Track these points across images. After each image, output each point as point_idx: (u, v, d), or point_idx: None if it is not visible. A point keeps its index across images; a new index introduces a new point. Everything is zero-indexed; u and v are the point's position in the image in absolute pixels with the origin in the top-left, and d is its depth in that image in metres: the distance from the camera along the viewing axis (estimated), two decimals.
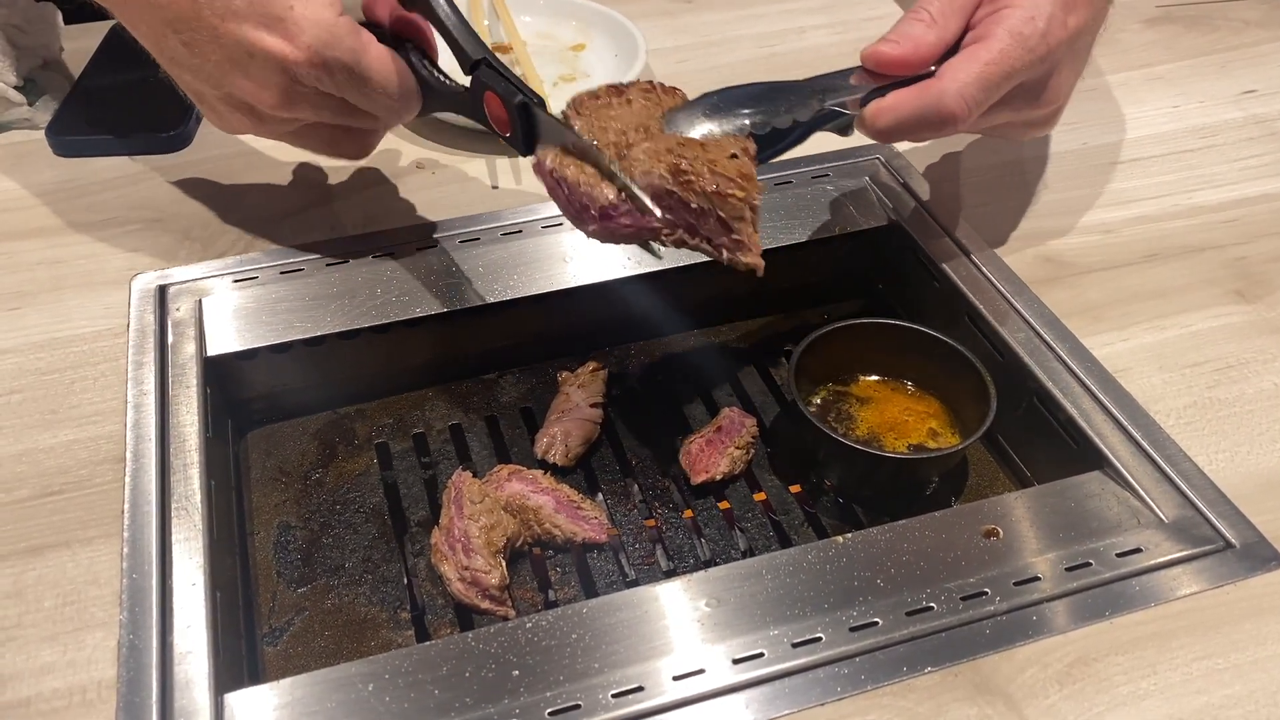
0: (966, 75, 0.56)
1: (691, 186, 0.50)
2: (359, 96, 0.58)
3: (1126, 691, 0.46)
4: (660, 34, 0.93)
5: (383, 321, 0.64)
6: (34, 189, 0.74)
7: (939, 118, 0.56)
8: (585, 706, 0.45)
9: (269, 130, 0.61)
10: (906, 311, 0.74)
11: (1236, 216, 0.73)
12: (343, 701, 0.45)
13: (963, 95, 0.55)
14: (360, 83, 0.57)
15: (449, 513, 0.58)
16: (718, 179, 0.50)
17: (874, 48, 0.58)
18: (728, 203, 0.50)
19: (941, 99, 0.55)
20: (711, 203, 0.50)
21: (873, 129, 0.57)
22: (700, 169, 0.50)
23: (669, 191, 0.51)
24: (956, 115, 0.56)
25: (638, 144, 0.53)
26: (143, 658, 0.46)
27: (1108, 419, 0.58)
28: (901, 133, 0.57)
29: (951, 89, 0.55)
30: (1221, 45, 0.93)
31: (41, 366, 0.60)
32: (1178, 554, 0.52)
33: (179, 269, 0.66)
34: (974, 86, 0.56)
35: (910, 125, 0.56)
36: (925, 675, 0.47)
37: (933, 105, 0.56)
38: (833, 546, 0.52)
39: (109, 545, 0.51)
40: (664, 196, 0.51)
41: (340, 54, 0.55)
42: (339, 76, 0.56)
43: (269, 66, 0.55)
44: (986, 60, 0.56)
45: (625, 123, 0.54)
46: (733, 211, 0.51)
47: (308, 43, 0.54)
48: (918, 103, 0.56)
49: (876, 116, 0.57)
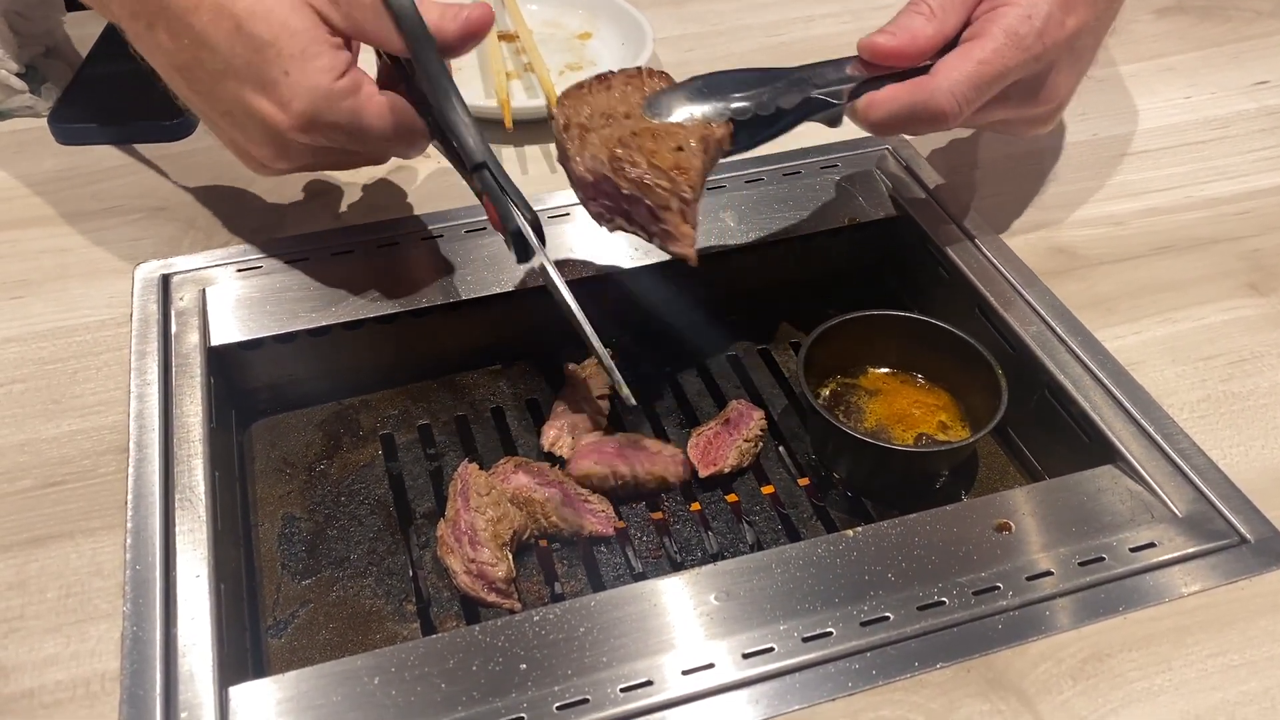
0: (959, 73, 0.56)
1: (624, 174, 0.54)
2: (359, 146, 0.58)
3: (1141, 688, 0.46)
4: (667, 22, 0.92)
5: (388, 312, 0.64)
6: (36, 177, 0.73)
7: (929, 114, 0.56)
8: (594, 701, 0.45)
9: (270, 175, 0.62)
10: (916, 303, 0.73)
11: (1249, 208, 0.72)
12: (348, 695, 0.45)
13: (953, 93, 0.56)
14: (358, 137, 0.57)
15: (455, 505, 0.58)
16: (651, 170, 0.53)
17: (870, 38, 0.58)
18: (654, 192, 0.53)
19: (933, 96, 0.56)
20: (640, 191, 0.54)
21: (864, 121, 0.58)
22: (637, 159, 0.54)
23: (605, 177, 0.54)
24: (946, 112, 0.56)
25: (598, 129, 0.55)
26: (146, 650, 0.46)
27: (1120, 412, 0.57)
28: (892, 126, 0.57)
29: (943, 86, 0.56)
30: (1234, 36, 0.92)
31: (44, 356, 0.60)
32: (1191, 549, 0.51)
33: (182, 258, 0.66)
34: (965, 85, 0.56)
35: (901, 120, 0.57)
36: (937, 670, 0.46)
37: (923, 101, 0.56)
38: (843, 540, 0.51)
39: (112, 536, 0.51)
40: (603, 182, 0.55)
41: (335, 118, 0.55)
42: (335, 135, 0.56)
43: (261, 128, 0.56)
44: (980, 59, 0.56)
45: (597, 108, 0.57)
46: (658, 200, 0.54)
47: (299, 110, 0.54)
48: (909, 98, 0.56)
49: (868, 109, 0.57)
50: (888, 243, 0.74)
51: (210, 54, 0.54)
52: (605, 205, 0.57)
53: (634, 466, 0.61)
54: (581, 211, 0.69)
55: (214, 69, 0.55)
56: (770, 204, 0.71)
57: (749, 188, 0.72)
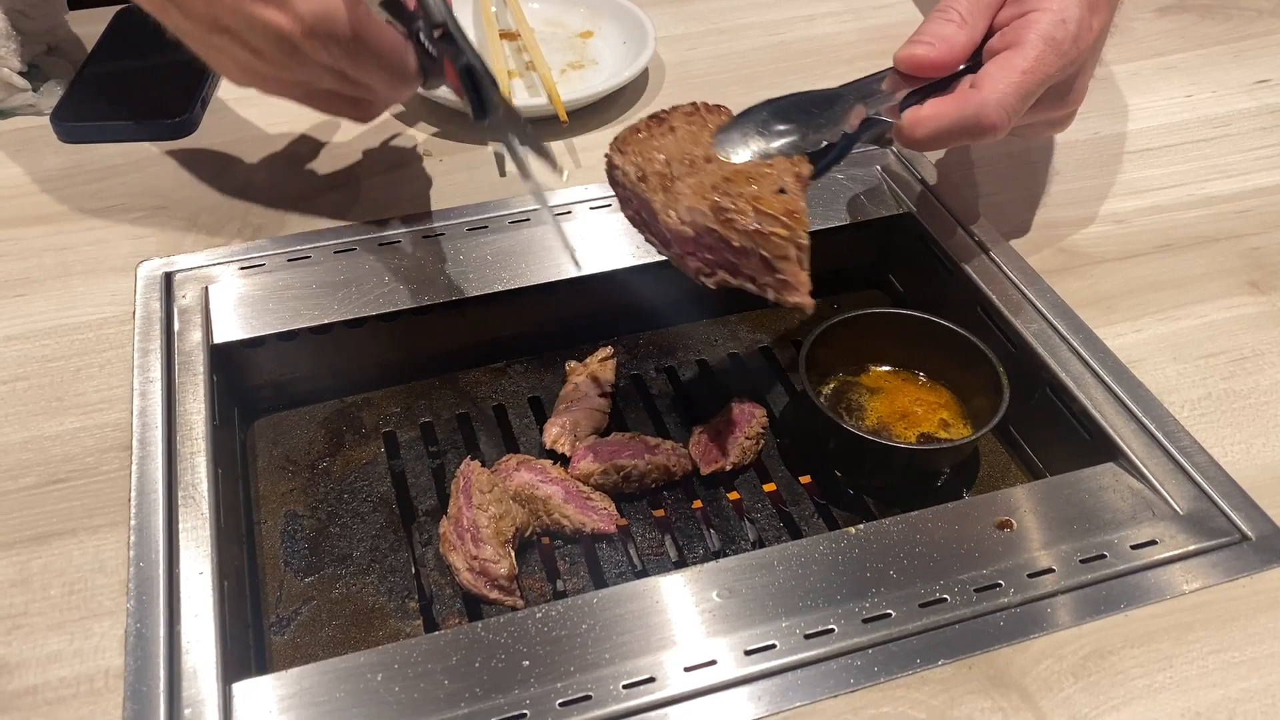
0: (1005, 85, 0.56)
1: (734, 225, 0.50)
2: (356, 70, 0.57)
3: (1142, 684, 0.46)
4: (669, 21, 0.92)
5: (390, 309, 0.64)
6: (39, 175, 0.73)
7: (979, 128, 0.56)
8: (596, 697, 0.45)
9: (276, 90, 0.60)
10: (918, 301, 0.73)
11: (1250, 207, 0.72)
12: (351, 691, 0.45)
13: (1002, 105, 0.55)
14: (357, 56, 0.56)
15: (457, 502, 0.58)
16: (761, 218, 0.49)
17: (909, 51, 0.58)
18: (770, 242, 0.49)
19: (982, 109, 0.55)
20: (754, 242, 0.49)
21: (910, 139, 0.57)
22: (744, 206, 0.49)
23: (710, 230, 0.50)
24: (997, 125, 0.56)
25: (682, 178, 0.52)
26: (150, 647, 0.46)
27: (1121, 410, 0.57)
28: (940, 142, 0.57)
29: (991, 99, 0.55)
30: (1235, 35, 0.92)
31: (47, 353, 0.60)
32: (1193, 546, 0.51)
33: (185, 256, 0.66)
34: (1013, 96, 0.56)
35: (950, 135, 0.56)
36: (939, 667, 0.46)
37: (973, 116, 0.55)
38: (844, 538, 0.51)
39: (116, 533, 0.51)
40: (705, 234, 0.50)
41: (336, 28, 0.55)
42: (335, 50, 0.56)
43: (267, 37, 0.55)
44: (1023, 69, 0.56)
45: (670, 153, 0.54)
46: (776, 251, 0.50)
47: (303, 14, 0.54)
48: (958, 114, 0.56)
49: (915, 126, 0.57)
50: (890, 241, 0.74)
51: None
52: (706, 260, 0.52)
53: (636, 459, 0.61)
54: (580, 210, 0.70)
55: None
56: None
57: None
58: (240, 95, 0.81)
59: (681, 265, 0.54)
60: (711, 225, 0.50)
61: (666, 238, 0.53)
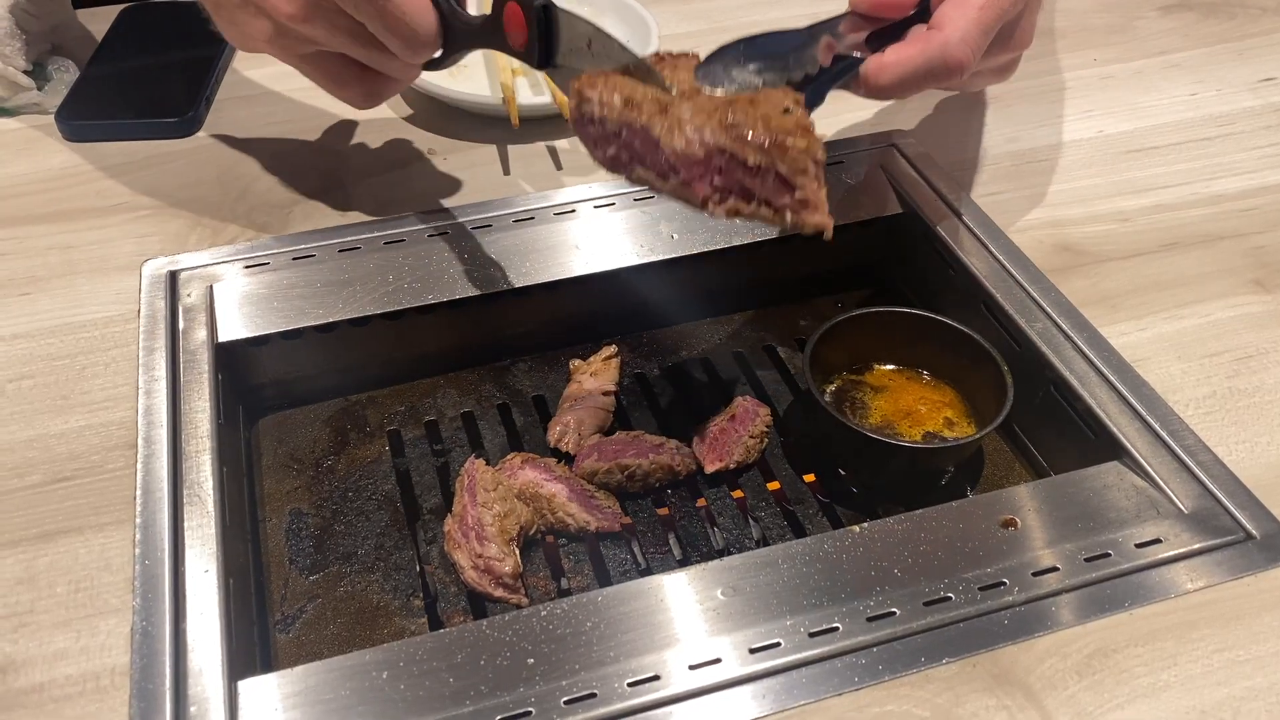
0: (965, 21, 0.55)
1: (748, 141, 0.47)
2: (377, 21, 0.55)
3: (1146, 683, 0.46)
4: (672, 19, 0.92)
5: (394, 308, 0.64)
6: (44, 174, 0.73)
7: (945, 68, 0.55)
8: (601, 695, 0.45)
9: (285, 46, 0.59)
10: (922, 300, 0.74)
11: (1255, 205, 0.72)
12: (356, 689, 0.45)
13: (965, 42, 0.55)
14: (378, 5, 0.54)
15: (462, 500, 0.58)
16: (776, 132, 0.47)
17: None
18: (789, 155, 0.47)
19: (945, 48, 0.55)
20: (771, 157, 0.47)
21: (875, 85, 0.56)
22: (754, 123, 0.47)
23: (721, 150, 0.48)
24: (963, 62, 0.55)
25: (676, 103, 0.50)
26: (155, 644, 0.46)
27: (1125, 409, 0.57)
28: (905, 88, 0.56)
29: (954, 37, 0.55)
30: (1239, 32, 0.92)
31: (52, 352, 0.60)
32: (1197, 545, 0.51)
33: (190, 254, 0.66)
34: (975, 31, 0.55)
35: (916, 78, 0.56)
36: (943, 666, 0.46)
37: (938, 55, 0.55)
38: (849, 536, 0.51)
39: (121, 531, 0.51)
40: (717, 155, 0.48)
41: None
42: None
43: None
44: (980, 4, 0.56)
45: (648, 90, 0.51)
46: (794, 165, 0.47)
47: None
48: (922, 55, 0.55)
49: (880, 73, 0.56)
50: (893, 239, 0.74)
51: None
52: (716, 185, 0.49)
53: (640, 458, 0.61)
54: (586, 208, 0.70)
55: None
56: None
57: None
58: (245, 94, 0.81)
59: (686, 195, 0.50)
60: (724, 144, 0.48)
61: (667, 166, 0.50)
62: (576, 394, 0.66)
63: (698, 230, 0.69)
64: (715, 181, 0.49)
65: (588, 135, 0.54)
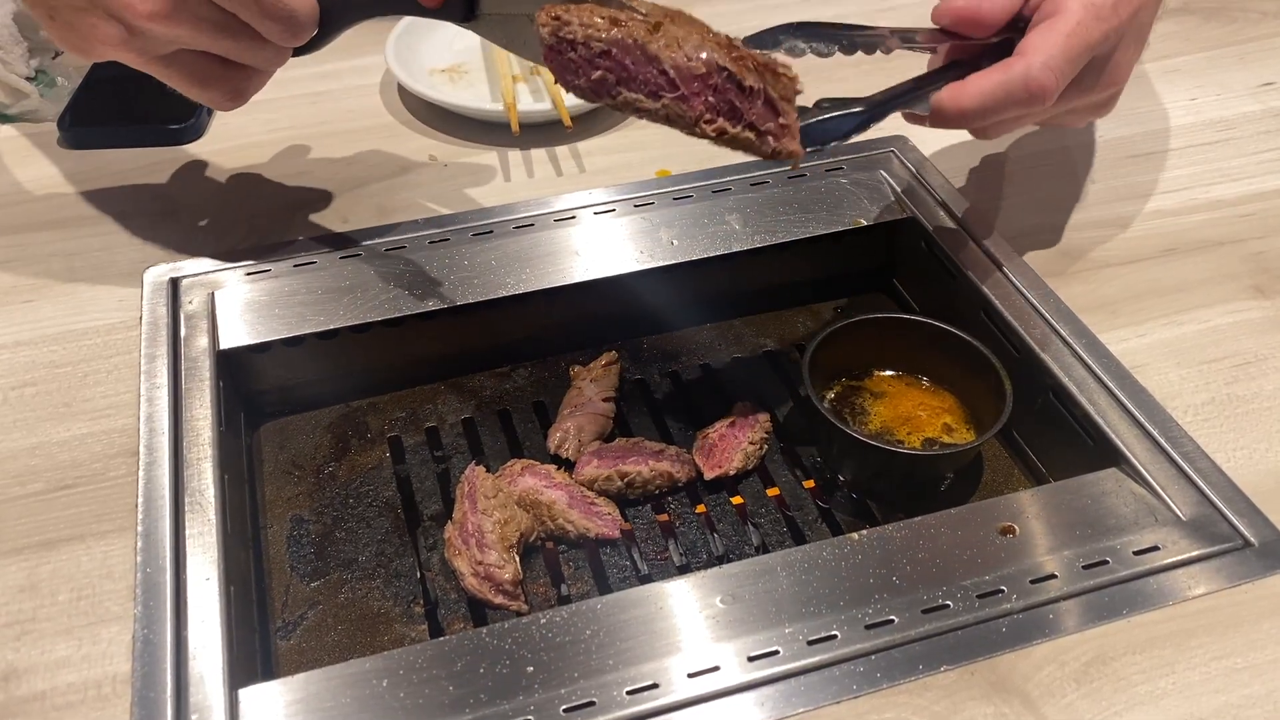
0: (1050, 47, 0.55)
1: (745, 63, 0.50)
2: (253, 8, 0.52)
3: (1144, 691, 0.46)
4: None
5: (395, 315, 0.64)
6: (46, 181, 0.74)
7: (1027, 93, 0.54)
8: (600, 703, 0.45)
9: (138, 50, 0.53)
10: (921, 306, 0.74)
11: (1255, 211, 0.72)
12: (356, 697, 0.45)
13: (1049, 67, 0.54)
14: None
15: (462, 507, 0.58)
16: (769, 59, 0.50)
17: (951, 3, 0.57)
18: (781, 81, 0.50)
19: (1029, 72, 0.54)
20: (765, 81, 0.50)
21: (956, 109, 0.55)
22: (749, 51, 0.50)
23: (720, 68, 0.50)
24: (1046, 88, 0.54)
25: (667, 25, 0.51)
26: (157, 652, 0.46)
27: (1124, 415, 0.58)
28: (986, 113, 0.55)
29: (1037, 62, 0.54)
30: (1239, 37, 0.92)
31: (54, 359, 0.60)
32: (1195, 552, 0.51)
33: (191, 262, 0.66)
34: (1059, 58, 0.54)
35: (997, 104, 0.55)
36: (941, 673, 0.46)
37: (1020, 80, 0.54)
38: (848, 543, 0.52)
39: (123, 539, 0.51)
40: (714, 74, 0.50)
41: None
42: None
43: None
44: (1067, 32, 0.55)
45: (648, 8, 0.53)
46: (785, 91, 0.50)
47: None
48: (1004, 79, 0.55)
49: (960, 97, 0.55)
50: (893, 245, 0.75)
51: None
52: (709, 103, 0.51)
53: (640, 465, 0.61)
54: (586, 214, 0.70)
55: None
56: (776, 207, 0.71)
57: (754, 190, 0.72)
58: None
59: (679, 112, 0.52)
60: (723, 63, 0.50)
61: (661, 84, 0.51)
62: (576, 400, 0.66)
63: (698, 236, 0.69)
64: (709, 99, 0.51)
65: (567, 62, 0.53)
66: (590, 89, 0.53)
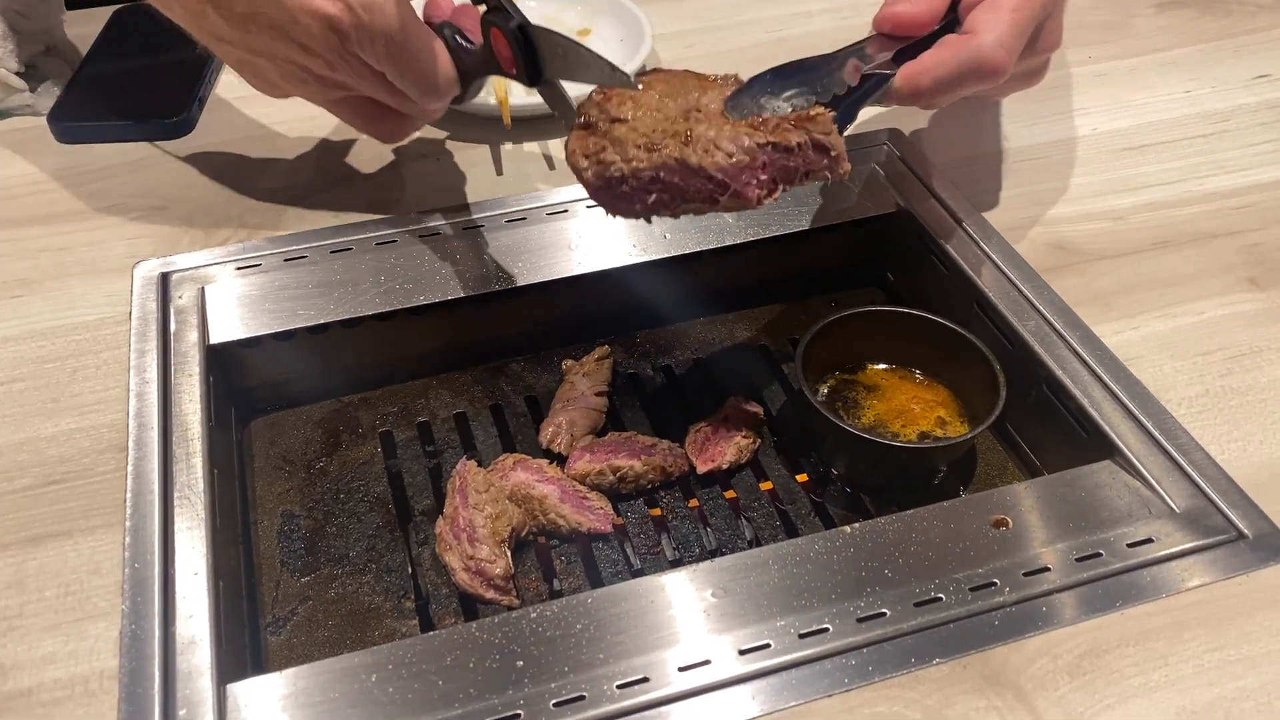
0: (999, 23, 0.56)
1: (782, 129, 0.52)
2: (400, 70, 0.58)
3: (1137, 683, 0.46)
4: (666, 18, 0.92)
5: (386, 309, 0.64)
6: (36, 176, 0.73)
7: (981, 71, 0.56)
8: (590, 698, 0.45)
9: (313, 94, 0.62)
10: (915, 299, 0.73)
11: (1249, 203, 0.72)
12: (346, 692, 0.45)
13: (1001, 44, 0.55)
14: (401, 57, 0.57)
15: (454, 502, 0.58)
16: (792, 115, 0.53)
17: (890, 10, 0.58)
18: (817, 122, 0.52)
19: (981, 50, 0.55)
20: (805, 129, 0.52)
21: (914, 90, 0.57)
22: (773, 118, 0.52)
23: (762, 146, 0.52)
24: (1000, 64, 0.55)
25: (696, 125, 0.52)
26: (145, 648, 0.46)
27: (1118, 408, 0.57)
28: (941, 92, 0.56)
29: (989, 39, 0.55)
30: (1234, 30, 0.92)
31: (43, 354, 0.60)
32: (1189, 544, 0.51)
33: (182, 256, 0.66)
34: (1009, 33, 0.56)
35: (952, 81, 0.56)
36: (934, 666, 0.46)
37: (973, 58, 0.55)
38: (840, 536, 0.51)
39: (111, 535, 0.51)
40: (761, 152, 0.52)
41: (386, 21, 0.55)
42: (381, 46, 0.56)
43: (314, 29, 0.55)
44: (1012, 7, 0.56)
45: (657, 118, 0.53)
46: (824, 127, 0.52)
47: (353, 3, 0.54)
48: (956, 59, 0.56)
49: (916, 77, 0.56)
50: (886, 238, 0.74)
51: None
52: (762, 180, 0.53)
53: (632, 459, 0.61)
54: (579, 208, 0.70)
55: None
56: None
57: None
58: (238, 95, 0.81)
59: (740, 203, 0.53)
60: (764, 139, 0.52)
61: (713, 188, 0.52)
62: (569, 395, 0.66)
63: (690, 230, 0.69)
64: (760, 178, 0.52)
65: (619, 196, 0.54)
66: (648, 213, 0.54)
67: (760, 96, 0.54)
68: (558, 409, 0.65)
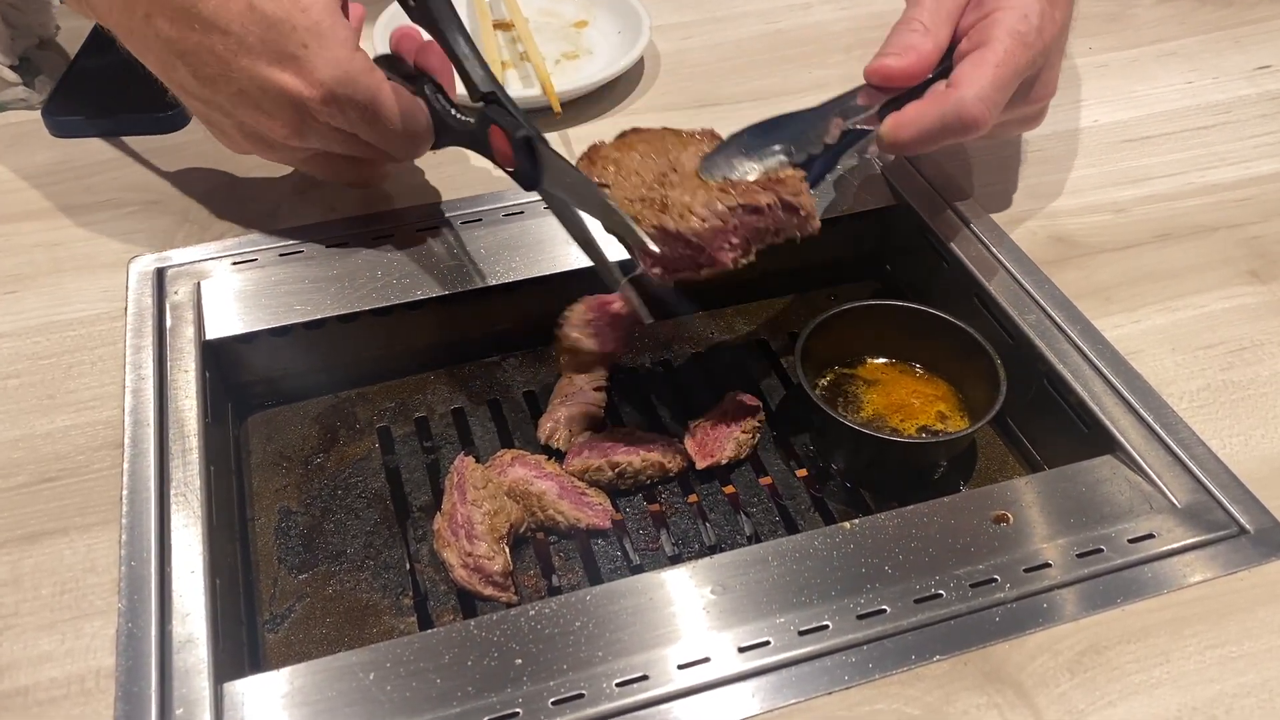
0: (981, 79, 0.57)
1: (751, 191, 0.54)
2: (371, 133, 0.59)
3: (1138, 680, 0.46)
4: (664, 10, 0.92)
5: (384, 304, 0.63)
6: (30, 170, 0.73)
7: (961, 124, 0.57)
8: (589, 695, 0.45)
9: (279, 157, 0.62)
10: (915, 293, 0.73)
11: (1251, 195, 0.72)
12: (344, 690, 0.45)
13: (981, 99, 0.57)
14: (373, 121, 0.58)
15: (452, 498, 0.58)
16: (762, 178, 0.55)
17: (879, 62, 0.59)
18: (786, 184, 0.54)
19: (961, 104, 0.56)
20: (774, 192, 0.54)
21: (894, 142, 0.58)
22: (742, 182, 0.55)
23: (732, 209, 0.53)
24: (979, 118, 0.57)
25: (670, 189, 0.54)
26: (142, 646, 0.46)
27: (1119, 402, 0.57)
28: (924, 143, 0.58)
29: (969, 94, 0.57)
30: (1235, 20, 0.91)
31: (39, 351, 0.60)
32: (1191, 540, 0.51)
33: (177, 251, 0.65)
34: (990, 89, 0.57)
35: (933, 134, 0.57)
36: (934, 663, 0.46)
37: (953, 112, 0.57)
38: (840, 533, 0.51)
39: (107, 532, 0.51)
40: (730, 216, 0.54)
41: (355, 93, 0.56)
42: (352, 115, 0.57)
43: (282, 102, 0.56)
44: (995, 63, 0.57)
45: (635, 181, 0.56)
46: (791, 189, 0.54)
47: (322, 80, 0.55)
48: (938, 112, 0.57)
49: (899, 129, 0.58)
50: (886, 232, 0.74)
51: (222, 37, 0.54)
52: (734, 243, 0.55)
53: (631, 455, 0.60)
54: None
55: (225, 51, 0.55)
56: None
57: None
58: None
59: (718, 269, 0.55)
60: (734, 202, 0.53)
61: (691, 253, 0.54)
62: (567, 390, 0.66)
63: None
64: (733, 240, 0.55)
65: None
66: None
67: (734, 157, 0.56)
68: (556, 404, 0.65)
